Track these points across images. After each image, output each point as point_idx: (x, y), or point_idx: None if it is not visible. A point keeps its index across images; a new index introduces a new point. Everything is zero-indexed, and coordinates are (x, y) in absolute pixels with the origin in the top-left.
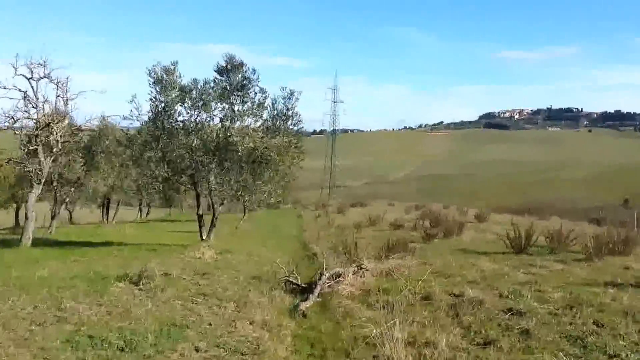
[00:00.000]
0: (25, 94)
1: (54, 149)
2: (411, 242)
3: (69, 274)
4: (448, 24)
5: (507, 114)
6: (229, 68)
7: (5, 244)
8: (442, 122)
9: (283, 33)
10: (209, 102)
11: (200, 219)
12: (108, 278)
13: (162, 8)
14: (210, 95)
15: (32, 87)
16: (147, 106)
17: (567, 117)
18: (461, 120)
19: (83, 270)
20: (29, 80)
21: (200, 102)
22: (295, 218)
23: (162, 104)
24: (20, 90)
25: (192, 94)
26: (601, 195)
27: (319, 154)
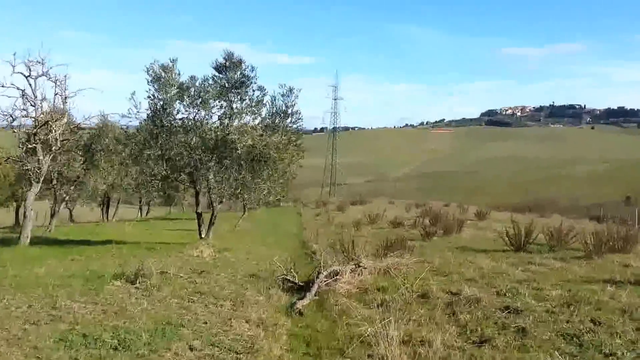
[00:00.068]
0: (23, 92)
1: (53, 147)
2: (410, 240)
3: (66, 272)
4: (451, 21)
5: (509, 111)
6: (228, 65)
7: (4, 243)
8: (443, 119)
9: (285, 31)
10: (208, 100)
11: (199, 217)
12: (104, 277)
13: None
14: (209, 92)
15: (30, 85)
16: (146, 104)
17: (570, 114)
18: (463, 118)
19: (80, 268)
20: (27, 78)
21: (198, 99)
22: (295, 216)
23: (161, 102)
24: (19, 89)
25: (190, 92)
26: (604, 192)
27: (320, 152)
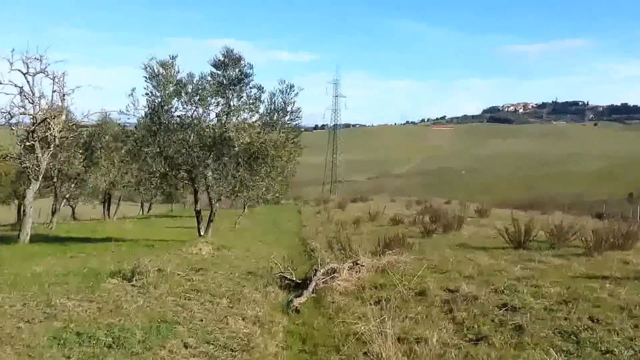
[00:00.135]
0: (21, 89)
1: (52, 144)
2: (410, 237)
3: (64, 270)
4: (453, 17)
5: (512, 108)
6: (227, 62)
7: (4, 241)
8: (444, 116)
9: (286, 28)
10: (205, 97)
11: (198, 214)
12: (101, 274)
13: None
14: (206, 89)
15: (28, 82)
16: (144, 101)
17: (573, 111)
18: (464, 114)
19: (78, 266)
20: (24, 75)
21: (196, 96)
22: (295, 214)
23: (159, 99)
24: (17, 86)
25: (188, 89)
26: (606, 189)
27: (321, 150)
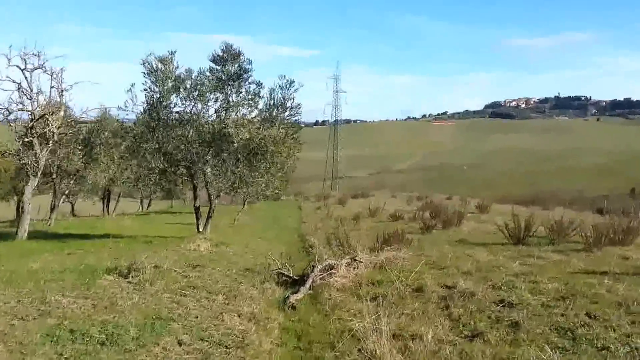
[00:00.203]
0: (19, 85)
1: (50, 141)
2: (409, 233)
3: (60, 266)
4: (454, 11)
5: (514, 103)
6: (226, 57)
7: (2, 237)
8: (446, 112)
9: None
10: (204, 93)
11: (197, 211)
12: (97, 271)
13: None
14: (205, 85)
15: (26, 78)
16: (142, 97)
17: (575, 106)
18: (466, 110)
19: (75, 263)
20: (22, 71)
21: (195, 92)
22: (295, 210)
23: (157, 95)
24: (14, 82)
25: (186, 84)
26: (608, 184)
27: (321, 145)
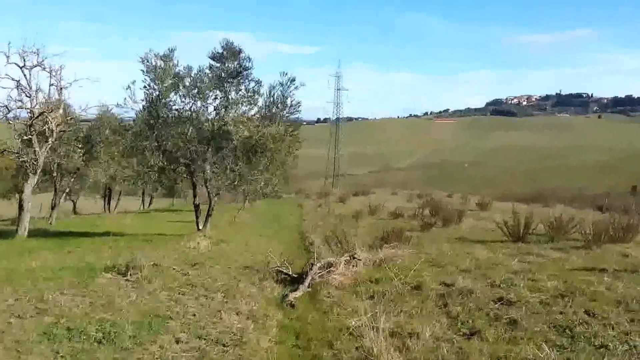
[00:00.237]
0: (18, 82)
1: (49, 138)
2: (409, 231)
3: (59, 265)
4: (456, 8)
5: (515, 101)
6: (226, 55)
7: (2, 235)
8: (447, 109)
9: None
10: (204, 90)
11: (197, 209)
12: (96, 269)
13: None
14: (204, 82)
15: (25, 76)
16: (142, 94)
17: (577, 103)
18: (467, 107)
19: (74, 261)
20: (21, 68)
21: (194, 89)
22: (296, 207)
23: (157, 92)
24: (13, 79)
25: (186, 82)
26: (610, 182)
27: (323, 143)
